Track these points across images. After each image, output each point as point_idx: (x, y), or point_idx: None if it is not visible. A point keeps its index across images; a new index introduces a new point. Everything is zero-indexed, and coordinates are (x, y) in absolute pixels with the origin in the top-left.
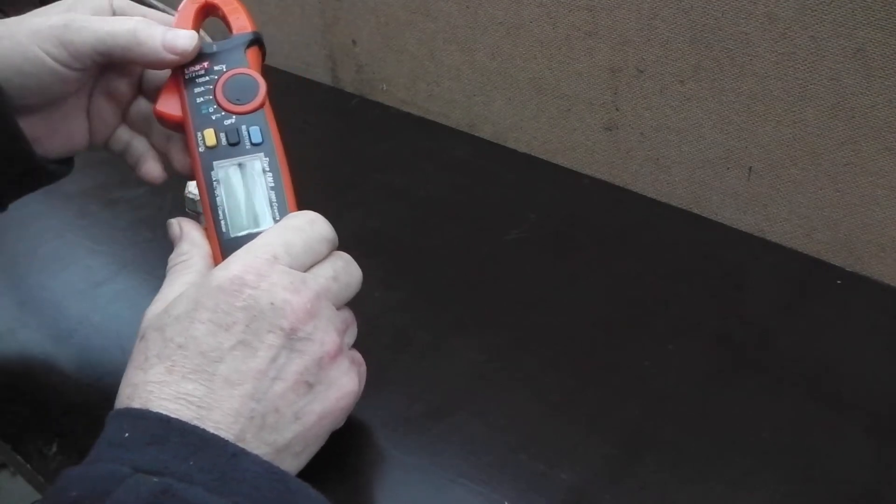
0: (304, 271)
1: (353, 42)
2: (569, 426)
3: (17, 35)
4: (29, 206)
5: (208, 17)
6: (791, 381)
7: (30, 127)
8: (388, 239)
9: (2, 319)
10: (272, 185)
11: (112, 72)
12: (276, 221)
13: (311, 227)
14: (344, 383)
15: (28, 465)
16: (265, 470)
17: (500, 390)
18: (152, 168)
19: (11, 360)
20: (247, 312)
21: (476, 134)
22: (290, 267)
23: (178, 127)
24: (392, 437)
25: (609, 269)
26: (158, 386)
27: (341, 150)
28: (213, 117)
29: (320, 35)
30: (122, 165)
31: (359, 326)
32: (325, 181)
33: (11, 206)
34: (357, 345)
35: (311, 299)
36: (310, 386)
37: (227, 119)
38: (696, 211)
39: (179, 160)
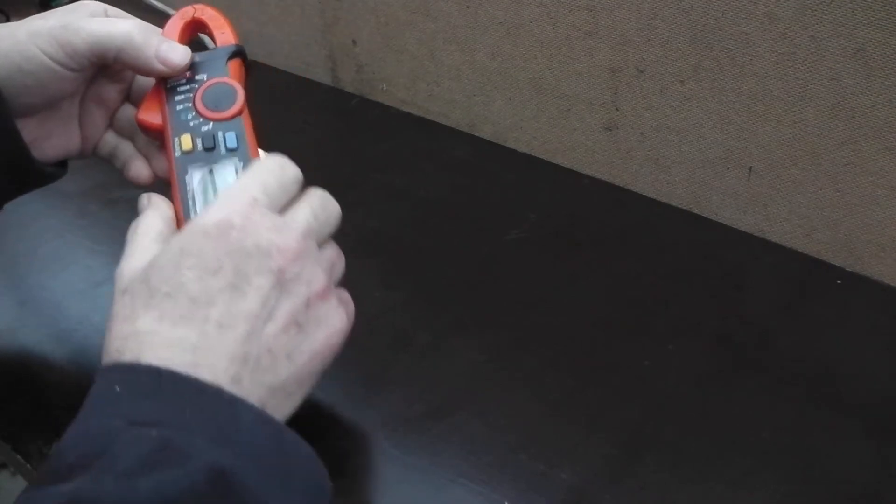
0: (281, 212)
1: (353, 42)
2: (569, 426)
3: (17, 35)
4: (29, 206)
5: (196, 32)
6: (791, 381)
7: (26, 130)
8: (388, 239)
9: (2, 319)
10: None
11: (103, 77)
12: None
13: (282, 170)
14: (333, 321)
15: (28, 465)
16: (261, 419)
17: (500, 390)
18: (140, 168)
19: (11, 360)
20: (234, 256)
21: (476, 134)
22: (269, 208)
23: (158, 135)
24: (392, 437)
25: (609, 269)
26: (150, 335)
27: (341, 150)
28: (191, 123)
29: (320, 35)
30: (105, 161)
31: (359, 326)
32: (325, 181)
33: (11, 207)
34: (357, 345)
35: (297, 239)
36: (300, 326)
37: (205, 125)
38: (696, 211)
39: (160, 165)
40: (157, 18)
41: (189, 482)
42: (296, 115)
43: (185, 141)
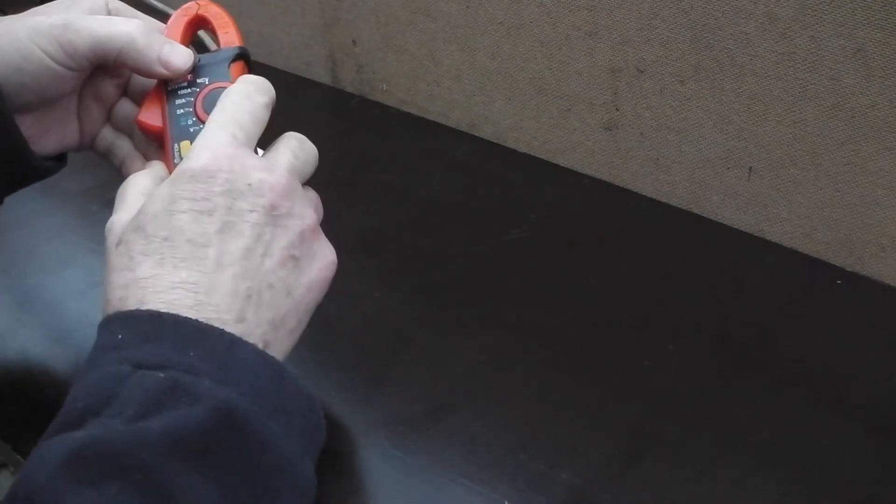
0: (260, 145)
1: (353, 42)
2: (569, 426)
3: (16, 33)
4: (28, 206)
5: (199, 29)
6: (791, 381)
7: (24, 125)
8: (388, 239)
9: (2, 319)
10: None
11: (101, 72)
12: None
13: (252, 100)
14: (326, 254)
15: None
16: (262, 358)
17: (500, 390)
18: (139, 168)
19: (11, 360)
20: (226, 196)
21: (476, 134)
22: (247, 143)
23: (158, 138)
24: (392, 437)
25: (609, 269)
26: (152, 280)
27: (341, 150)
28: (192, 129)
29: (320, 35)
30: (102, 157)
31: (359, 326)
32: (325, 181)
33: (10, 206)
34: (357, 345)
35: (285, 175)
36: (296, 260)
37: None
38: (696, 211)
39: None
40: (159, 18)
41: (198, 421)
42: (296, 115)
43: (185, 147)
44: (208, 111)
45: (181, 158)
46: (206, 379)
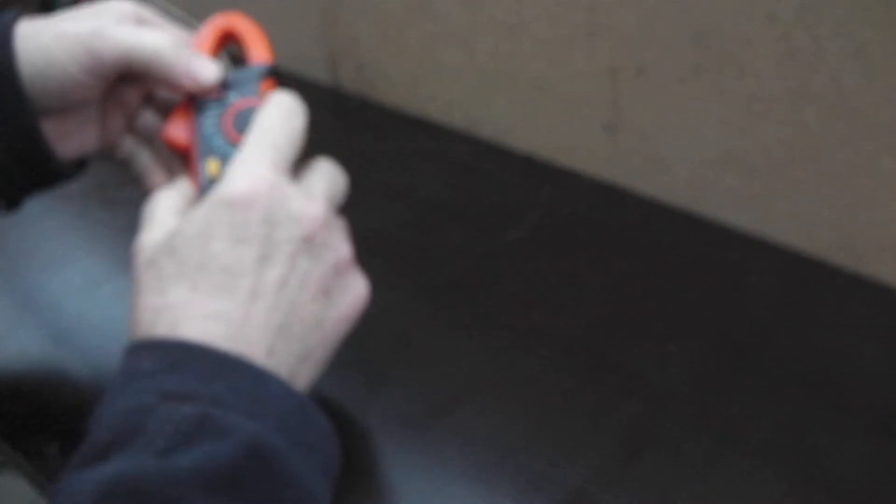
0: (295, 174)
1: (353, 42)
2: (569, 426)
3: (43, 38)
4: (28, 206)
5: (228, 43)
6: (791, 381)
7: (46, 129)
8: (388, 239)
9: (2, 319)
10: None
11: (125, 81)
12: None
13: (290, 121)
14: (358, 288)
15: (28, 465)
16: (289, 392)
17: (500, 390)
18: (160, 183)
19: (11, 360)
20: (265, 225)
21: (476, 134)
22: (284, 168)
23: (184, 153)
24: (392, 437)
25: (609, 269)
26: (184, 307)
27: (341, 150)
28: (220, 148)
29: (320, 35)
30: (122, 165)
31: (359, 326)
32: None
33: None
34: (357, 345)
35: (323, 205)
36: (328, 292)
37: (234, 151)
38: (696, 211)
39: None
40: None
41: (227, 457)
42: None
43: (213, 166)
44: (238, 129)
45: (208, 176)
46: (234, 413)
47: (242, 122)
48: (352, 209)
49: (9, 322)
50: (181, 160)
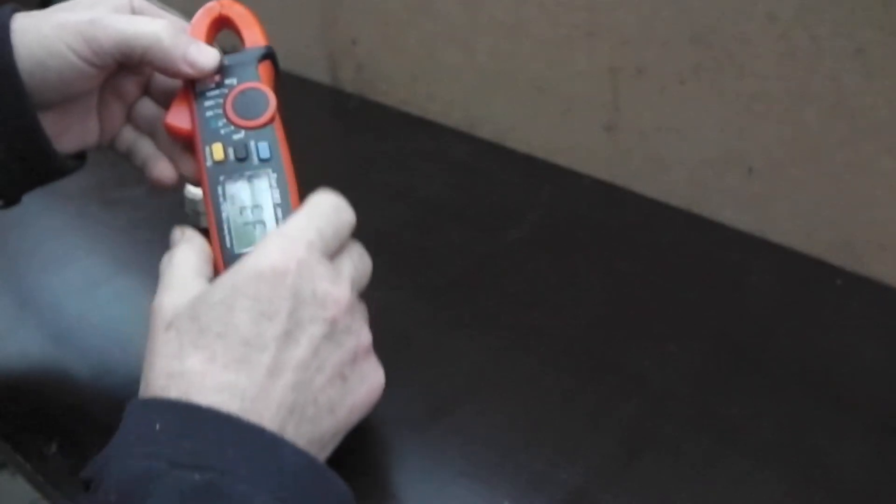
0: (331, 258)
1: (353, 42)
2: (569, 426)
3: (42, 29)
4: (28, 206)
5: (222, 29)
6: (791, 381)
7: (45, 123)
8: (388, 239)
9: (2, 319)
10: (278, 201)
11: (123, 70)
12: None
13: (338, 214)
14: (374, 377)
15: (28, 465)
16: (304, 460)
17: (500, 390)
18: (164, 169)
19: (11, 360)
20: (290, 301)
21: (476, 134)
22: (322, 254)
23: (187, 140)
24: (392, 437)
25: (609, 269)
26: (199, 376)
27: (341, 150)
28: (222, 132)
29: (320, 35)
30: (121, 165)
31: None
32: (326, 181)
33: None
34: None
35: (349, 290)
36: (345, 378)
37: (236, 134)
38: (696, 211)
39: (186, 166)
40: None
41: None
42: (296, 115)
43: (217, 150)
44: (239, 112)
45: (213, 161)
46: (243, 482)
47: (242, 105)
48: (352, 209)
49: (9, 322)
50: (183, 147)
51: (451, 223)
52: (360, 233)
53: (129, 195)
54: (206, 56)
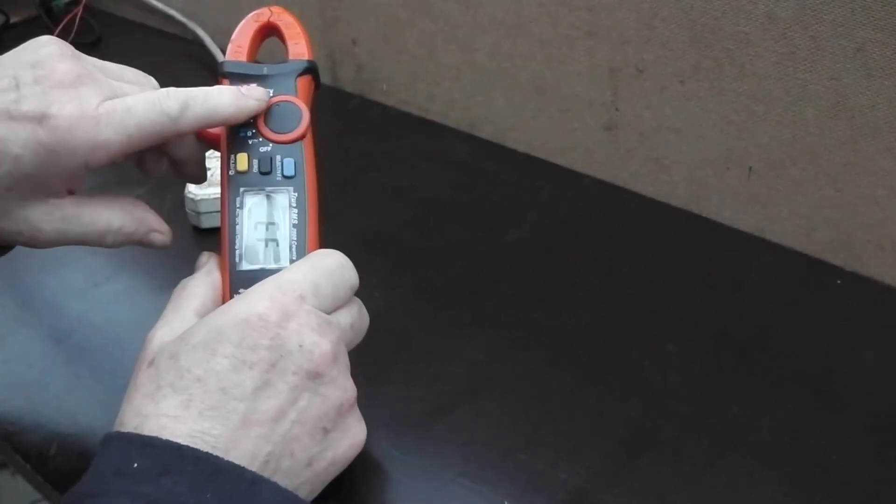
0: (327, 313)
1: (353, 42)
2: (569, 426)
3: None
4: None
5: (268, 36)
6: (791, 381)
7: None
8: (389, 239)
9: (2, 319)
10: (295, 222)
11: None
12: (292, 262)
13: (341, 272)
14: (357, 432)
15: (28, 465)
16: (285, 499)
17: (500, 390)
18: (153, 161)
19: (11, 360)
20: (273, 352)
21: (476, 134)
22: (315, 307)
23: (215, 144)
24: (392, 437)
25: (609, 269)
26: (173, 421)
27: (341, 150)
28: (250, 142)
29: (320, 35)
30: (121, 165)
31: None
32: (325, 181)
33: None
34: (357, 344)
35: (336, 343)
36: (326, 432)
37: (264, 146)
38: (696, 211)
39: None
40: (159, 19)
41: None
42: None
43: (241, 160)
44: (270, 126)
45: (236, 171)
46: None
47: (275, 118)
48: (352, 209)
49: (9, 322)
50: (209, 146)
51: (451, 223)
52: (361, 233)
53: (129, 195)
54: (256, 106)
